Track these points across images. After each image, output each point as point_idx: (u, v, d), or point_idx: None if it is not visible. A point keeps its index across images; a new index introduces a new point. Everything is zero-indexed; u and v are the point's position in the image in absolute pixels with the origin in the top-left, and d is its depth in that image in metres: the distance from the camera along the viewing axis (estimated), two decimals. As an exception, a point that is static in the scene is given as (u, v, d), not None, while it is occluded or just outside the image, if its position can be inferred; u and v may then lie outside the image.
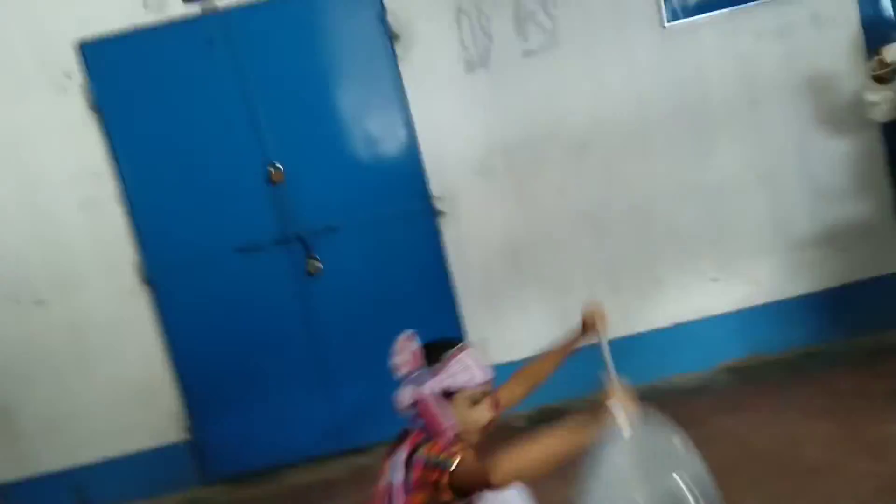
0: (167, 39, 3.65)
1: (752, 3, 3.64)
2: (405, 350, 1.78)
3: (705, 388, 3.64)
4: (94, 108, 3.68)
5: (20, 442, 3.92)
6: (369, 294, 3.81)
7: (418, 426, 1.77)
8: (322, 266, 3.76)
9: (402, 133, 3.74)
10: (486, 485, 1.62)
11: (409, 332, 1.81)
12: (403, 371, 1.78)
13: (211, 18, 3.64)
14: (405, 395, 1.76)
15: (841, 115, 3.66)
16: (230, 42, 3.66)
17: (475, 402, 1.78)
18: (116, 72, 3.69)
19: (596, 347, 1.95)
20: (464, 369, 1.76)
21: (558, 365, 2.08)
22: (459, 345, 1.81)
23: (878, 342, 3.61)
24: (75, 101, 3.68)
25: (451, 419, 1.74)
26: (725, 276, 3.80)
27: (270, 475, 3.82)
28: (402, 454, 1.76)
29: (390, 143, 3.77)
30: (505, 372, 3.99)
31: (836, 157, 3.71)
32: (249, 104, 3.68)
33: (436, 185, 3.76)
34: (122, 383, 3.87)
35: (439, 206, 3.76)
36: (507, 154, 3.76)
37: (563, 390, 3.77)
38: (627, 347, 3.79)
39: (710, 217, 3.77)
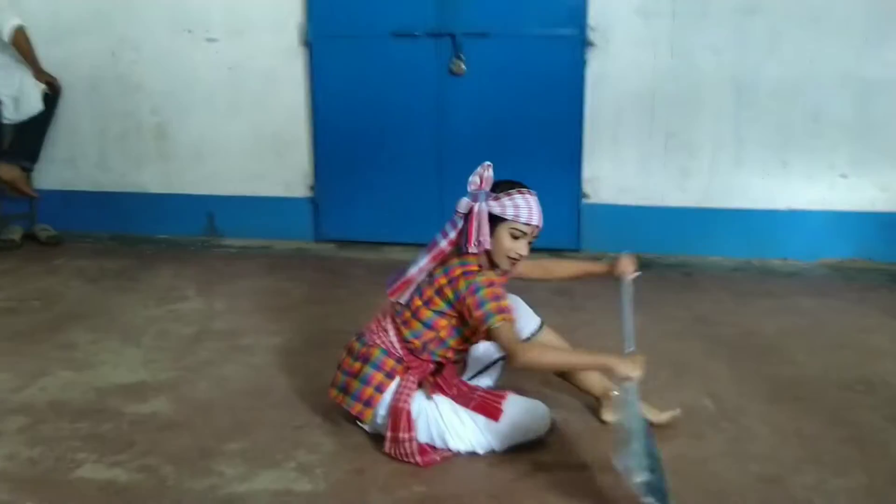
0: None
1: None
2: (480, 174, 2.02)
3: (799, 275, 3.70)
4: None
5: (171, 161, 4.44)
6: (503, 105, 3.98)
7: (450, 239, 2.02)
8: (466, 68, 3.94)
9: (574, -45, 3.76)
10: (510, 358, 1.90)
11: (487, 163, 2.04)
12: (472, 188, 2.03)
13: None
14: (464, 204, 2.01)
15: None
16: None
17: (515, 237, 2.00)
18: None
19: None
20: (518, 206, 1.99)
21: (572, 279, 2.38)
22: (526, 188, 2.02)
23: None
24: None
25: (485, 237, 1.98)
26: (856, 175, 3.74)
27: (374, 246, 4.20)
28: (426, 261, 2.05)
29: (561, -37, 3.80)
30: (602, 211, 4.08)
31: None
32: None
33: (594, 15, 3.79)
34: (264, 131, 4.28)
35: (592, 36, 3.81)
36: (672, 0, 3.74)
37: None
38: (737, 220, 3.88)
39: (858, 111, 3.67)
